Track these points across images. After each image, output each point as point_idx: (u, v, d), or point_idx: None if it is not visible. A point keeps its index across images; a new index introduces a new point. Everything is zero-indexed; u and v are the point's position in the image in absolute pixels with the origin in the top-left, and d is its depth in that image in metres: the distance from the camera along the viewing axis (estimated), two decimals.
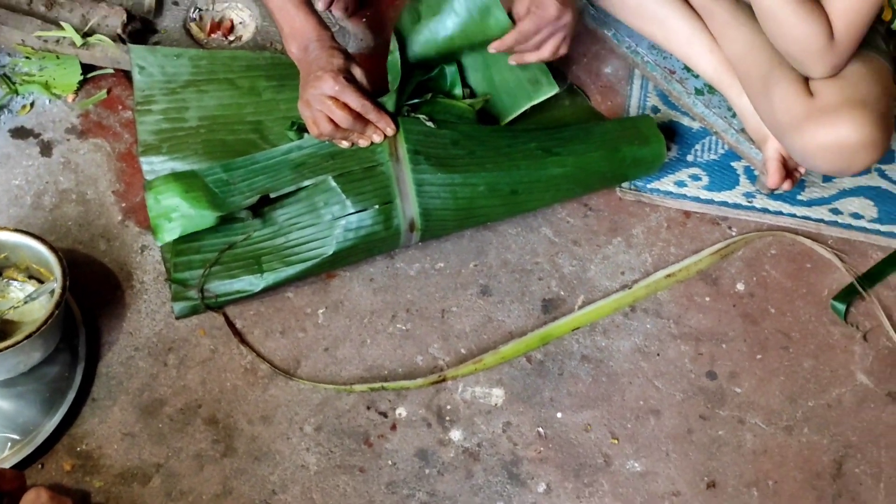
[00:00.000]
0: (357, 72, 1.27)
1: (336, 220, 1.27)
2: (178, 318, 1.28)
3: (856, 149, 1.18)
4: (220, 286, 1.28)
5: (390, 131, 1.28)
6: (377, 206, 1.27)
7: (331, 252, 1.28)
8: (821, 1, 1.20)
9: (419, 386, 1.25)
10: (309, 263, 1.28)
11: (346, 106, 1.24)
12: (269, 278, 1.28)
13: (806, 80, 1.25)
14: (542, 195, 1.36)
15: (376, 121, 1.27)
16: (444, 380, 1.25)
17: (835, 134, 1.18)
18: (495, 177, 1.31)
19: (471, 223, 1.35)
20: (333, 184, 1.27)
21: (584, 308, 1.31)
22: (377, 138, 1.29)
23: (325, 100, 1.24)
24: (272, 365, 1.26)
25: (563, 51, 1.30)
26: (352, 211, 1.27)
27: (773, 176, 1.34)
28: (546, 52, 1.29)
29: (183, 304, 1.28)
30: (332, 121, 1.25)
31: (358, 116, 1.26)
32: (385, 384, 1.24)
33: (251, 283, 1.28)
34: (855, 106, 1.18)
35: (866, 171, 1.43)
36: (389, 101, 1.30)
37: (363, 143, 1.29)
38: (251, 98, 1.40)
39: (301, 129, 1.32)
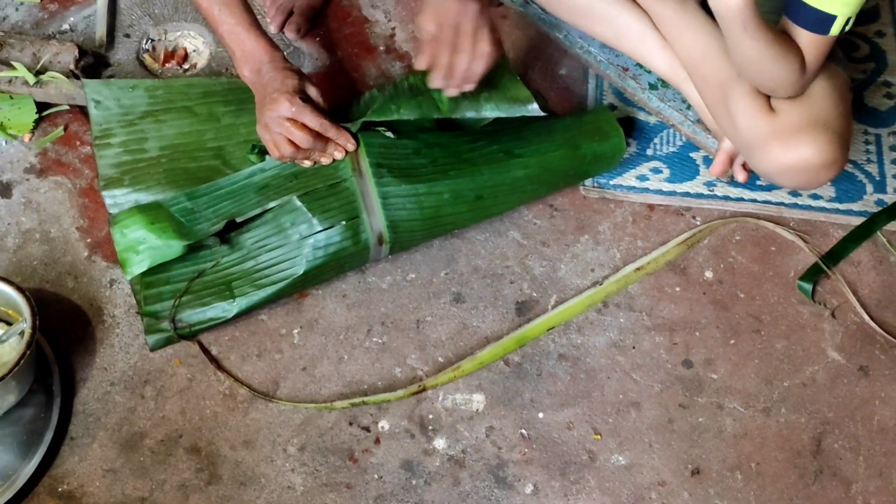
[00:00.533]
0: (312, 91, 1.28)
1: (304, 239, 1.27)
2: (152, 350, 1.27)
3: (818, 169, 1.21)
4: (193, 315, 1.28)
5: (351, 147, 1.29)
6: (344, 223, 1.28)
7: (301, 272, 1.28)
8: (787, 31, 1.19)
9: (400, 398, 1.25)
10: (280, 285, 1.28)
11: (304, 126, 1.24)
12: (241, 303, 1.28)
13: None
14: (507, 198, 1.37)
15: (336, 138, 1.28)
16: (424, 389, 1.26)
17: (798, 155, 1.21)
18: (459, 184, 1.31)
19: (439, 232, 1.36)
20: (299, 203, 1.28)
21: (557, 308, 1.33)
22: (339, 155, 1.29)
23: (282, 122, 1.24)
24: (251, 388, 1.25)
25: (485, 48, 1.18)
26: (319, 229, 1.27)
27: (715, 166, 1.36)
28: (465, 61, 1.18)
29: (156, 337, 1.27)
30: (292, 142, 1.25)
31: (317, 135, 1.26)
32: (365, 398, 1.24)
33: (224, 309, 1.28)
34: (817, 127, 1.20)
35: None
36: (354, 126, 1.31)
37: (325, 161, 1.29)
38: (210, 124, 1.39)
39: (262, 152, 1.32)
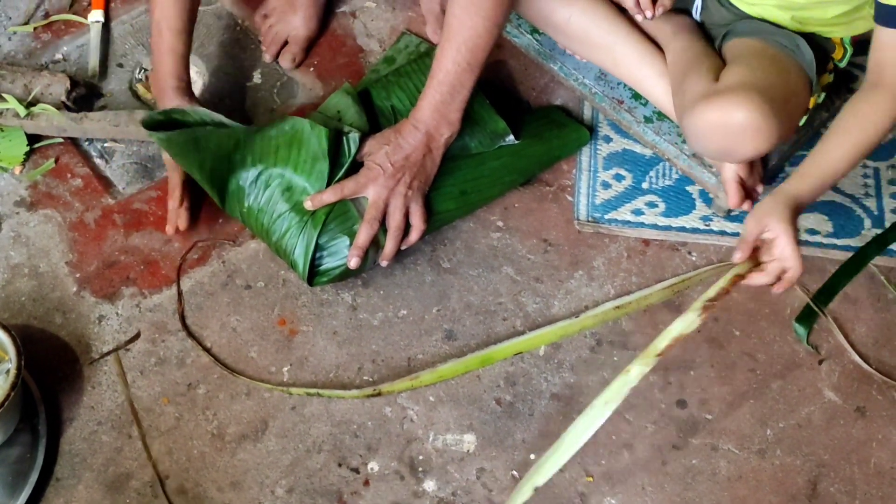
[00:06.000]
0: None
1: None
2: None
3: (740, 130, 1.16)
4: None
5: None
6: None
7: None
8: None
9: (354, 396, 1.26)
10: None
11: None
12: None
13: (720, 71, 1.26)
14: (489, 189, 1.42)
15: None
16: (379, 394, 1.26)
17: (722, 112, 1.16)
18: (443, 181, 1.34)
19: (430, 229, 1.36)
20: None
21: (527, 334, 1.31)
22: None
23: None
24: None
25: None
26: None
27: (732, 197, 1.34)
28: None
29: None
30: None
31: None
32: (320, 391, 1.26)
33: None
34: (750, 89, 1.16)
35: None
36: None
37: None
38: None
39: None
